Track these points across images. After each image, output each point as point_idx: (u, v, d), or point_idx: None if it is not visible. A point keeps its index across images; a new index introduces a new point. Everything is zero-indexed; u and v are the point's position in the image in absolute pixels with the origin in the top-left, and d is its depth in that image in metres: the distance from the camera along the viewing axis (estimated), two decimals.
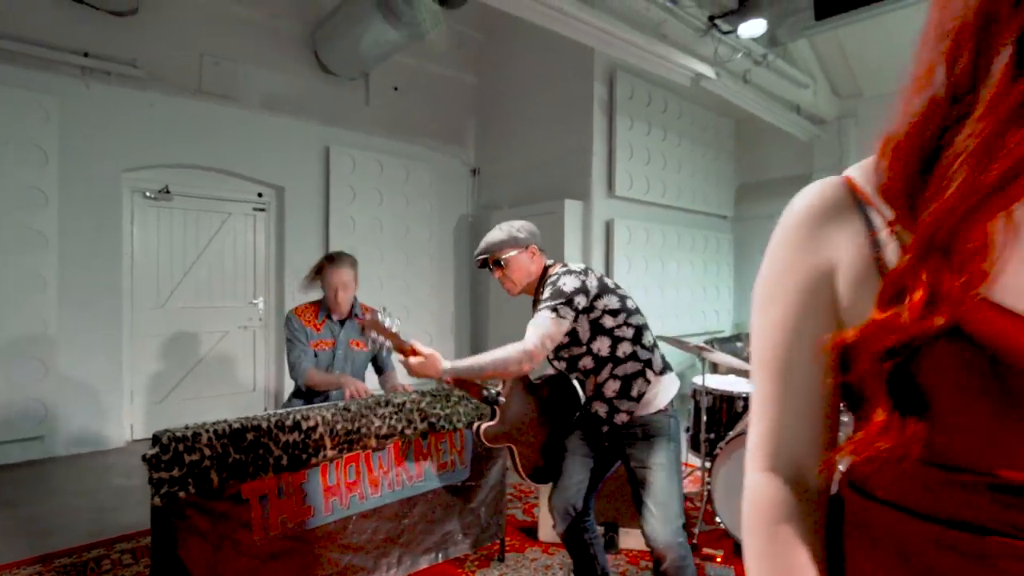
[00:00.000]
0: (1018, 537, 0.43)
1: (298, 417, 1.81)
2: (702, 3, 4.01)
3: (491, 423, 1.77)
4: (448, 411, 2.18)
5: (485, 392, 1.78)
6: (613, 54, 3.85)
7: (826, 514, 0.58)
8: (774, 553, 0.56)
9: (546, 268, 1.90)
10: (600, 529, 2.20)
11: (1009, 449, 0.43)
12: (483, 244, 1.90)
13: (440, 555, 2.19)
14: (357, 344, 2.60)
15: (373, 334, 1.68)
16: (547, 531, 2.58)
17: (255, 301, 4.68)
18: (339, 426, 1.88)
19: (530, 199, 5.36)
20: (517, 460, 1.81)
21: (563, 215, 4.68)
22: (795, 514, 0.56)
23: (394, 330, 1.69)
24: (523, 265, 1.87)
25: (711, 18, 3.85)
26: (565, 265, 1.84)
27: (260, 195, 4.69)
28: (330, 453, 1.86)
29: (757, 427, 0.59)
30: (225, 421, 1.72)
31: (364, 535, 1.98)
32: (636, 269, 5.12)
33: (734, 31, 3.84)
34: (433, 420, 2.13)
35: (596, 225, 4.88)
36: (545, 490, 2.56)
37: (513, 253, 1.86)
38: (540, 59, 5.25)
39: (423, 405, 2.12)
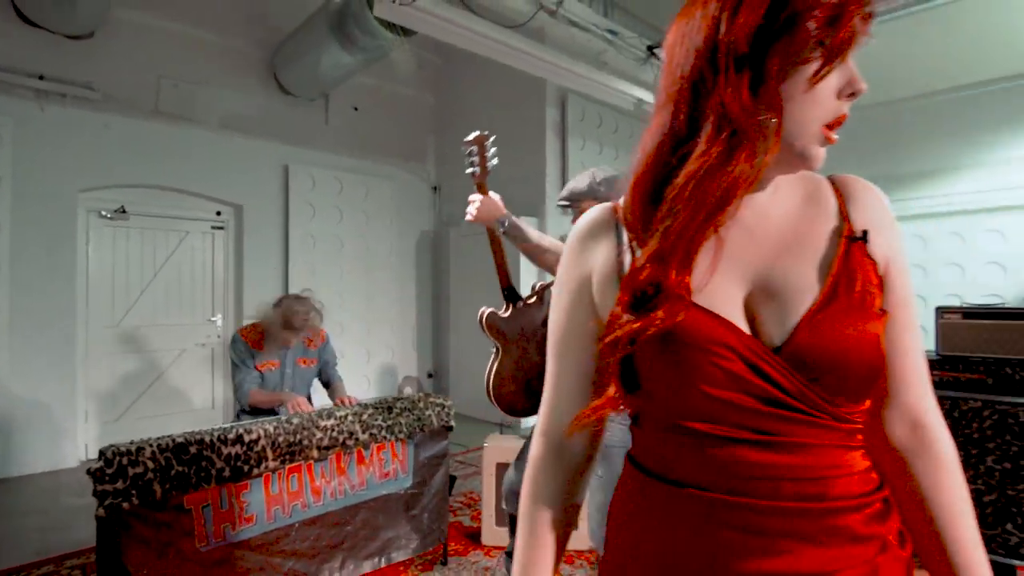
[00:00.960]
0: (700, 485, 0.59)
1: (240, 431, 1.92)
2: (644, 32, 4.27)
3: (499, 313, 1.85)
4: (390, 422, 2.31)
5: (511, 284, 1.85)
6: (558, 82, 4.07)
7: (591, 462, 0.74)
8: (531, 494, 0.73)
9: None
10: None
11: (686, 400, 0.59)
12: (566, 190, 1.90)
13: (383, 560, 2.31)
14: (303, 362, 2.71)
15: (473, 149, 1.70)
16: (490, 535, 2.71)
17: (213, 318, 4.73)
18: (281, 439, 1.99)
19: None
20: (494, 368, 1.87)
21: None
22: (553, 468, 0.72)
23: (489, 165, 1.72)
24: None
25: (650, 48, 4.10)
26: None
27: (219, 213, 4.76)
28: (272, 464, 1.97)
29: (543, 400, 0.74)
30: (169, 436, 1.82)
31: (307, 542, 2.09)
32: None
33: None
34: (375, 431, 2.26)
35: None
36: (489, 497, 2.70)
37: (591, 204, 1.90)
38: (496, 82, 5.46)
39: (365, 417, 2.25)
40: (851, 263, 0.60)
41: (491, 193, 1.73)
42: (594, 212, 0.71)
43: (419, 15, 2.91)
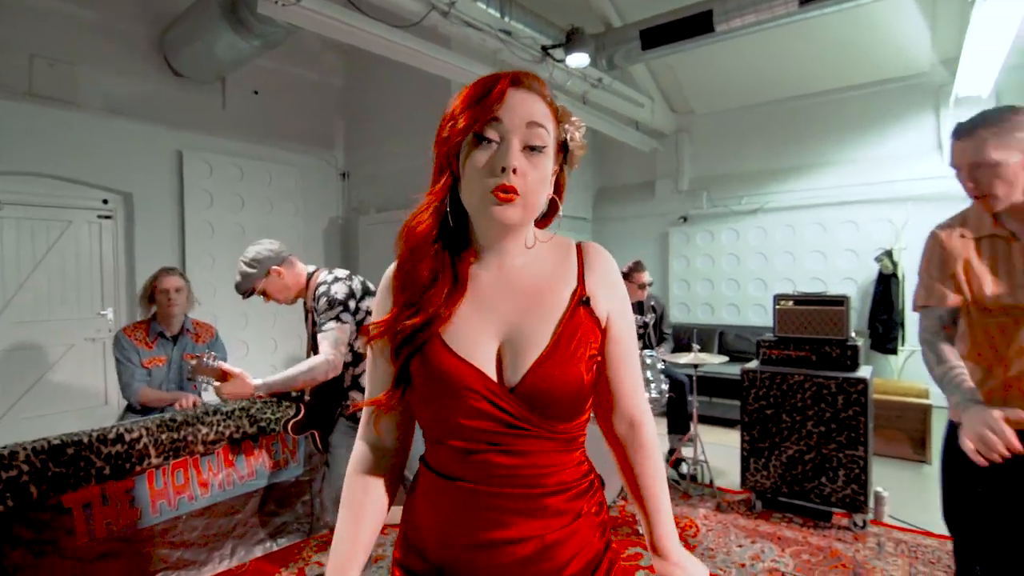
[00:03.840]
0: (463, 480, 0.80)
1: (121, 430, 1.99)
2: (542, 31, 4.44)
3: (298, 419, 2.02)
4: (279, 415, 2.43)
5: (293, 394, 2.03)
6: (457, 79, 4.20)
7: (400, 464, 0.93)
8: (350, 487, 0.90)
9: (311, 275, 2.09)
10: None
11: (448, 427, 0.80)
12: (236, 288, 2.09)
13: (275, 544, 2.44)
14: (191, 358, 2.74)
15: (199, 377, 1.84)
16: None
17: (103, 312, 4.55)
18: (164, 436, 2.07)
19: (398, 204, 5.61)
20: (318, 440, 2.07)
21: None
22: (368, 465, 0.90)
23: (215, 366, 1.84)
24: (277, 285, 2.05)
25: (544, 48, 4.31)
26: (331, 272, 2.04)
27: (105, 202, 4.55)
28: (155, 461, 2.05)
29: (363, 413, 0.93)
30: (44, 439, 1.86)
31: (195, 532, 2.19)
32: None
33: (564, 61, 4.33)
34: (263, 424, 2.37)
35: None
36: None
37: (260, 281, 2.04)
38: (404, 68, 5.48)
39: (253, 411, 2.35)
40: (574, 321, 0.82)
41: (230, 370, 1.83)
42: (391, 267, 0.90)
43: (305, 13, 2.94)
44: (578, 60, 4.23)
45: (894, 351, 5.00)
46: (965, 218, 1.52)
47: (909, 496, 3.24)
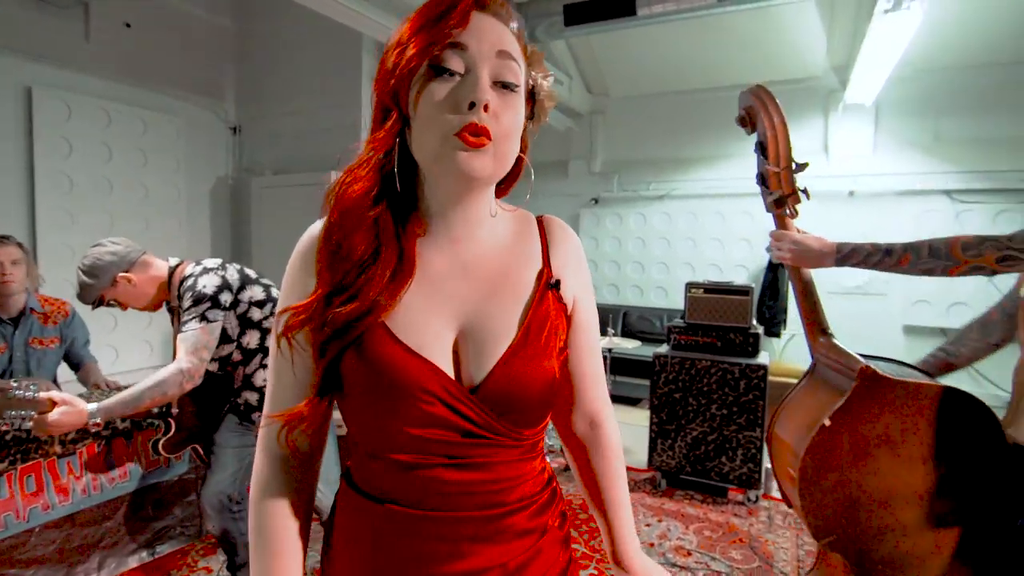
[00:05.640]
0: (402, 502, 0.65)
1: None
2: None
3: (169, 436, 1.72)
4: (157, 409, 2.10)
5: (156, 410, 1.71)
6: (364, 31, 3.87)
7: (317, 466, 0.75)
8: (263, 515, 0.71)
9: (173, 270, 1.79)
10: None
11: (390, 438, 0.64)
12: (78, 299, 1.75)
13: (150, 553, 2.14)
14: (39, 343, 2.26)
15: (9, 414, 1.42)
16: None
17: None
18: (8, 436, 1.71)
19: (295, 167, 5.16)
20: (201, 452, 1.81)
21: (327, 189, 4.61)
22: (280, 485, 0.71)
23: (31, 396, 1.45)
24: (130, 294, 1.74)
25: None
26: (199, 263, 1.76)
27: None
28: None
29: (263, 419, 0.73)
30: None
31: (52, 546, 1.86)
32: None
33: None
34: (138, 417, 2.04)
35: None
36: None
37: (106, 291, 1.72)
38: (308, 16, 4.95)
39: None
40: (542, 309, 0.70)
41: (57, 396, 1.49)
42: (310, 231, 0.71)
43: None
44: None
45: (777, 334, 5.43)
46: None
47: None
